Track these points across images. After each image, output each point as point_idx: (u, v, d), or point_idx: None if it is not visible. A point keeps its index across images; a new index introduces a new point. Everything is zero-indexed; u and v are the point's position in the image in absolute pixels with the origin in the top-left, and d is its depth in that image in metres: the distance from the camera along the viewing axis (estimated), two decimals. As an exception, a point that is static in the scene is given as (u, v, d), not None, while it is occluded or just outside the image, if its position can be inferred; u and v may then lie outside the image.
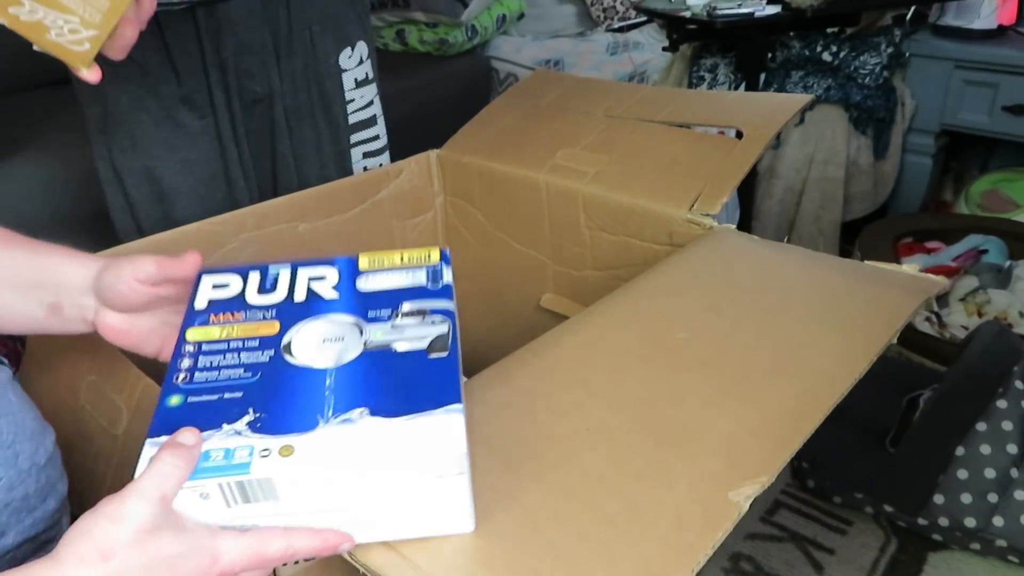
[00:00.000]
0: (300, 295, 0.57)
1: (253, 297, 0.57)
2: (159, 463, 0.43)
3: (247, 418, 0.47)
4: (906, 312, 0.67)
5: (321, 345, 0.53)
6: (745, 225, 1.75)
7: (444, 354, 0.51)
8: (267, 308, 0.56)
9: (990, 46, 1.76)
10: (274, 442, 0.46)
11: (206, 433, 0.46)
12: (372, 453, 0.45)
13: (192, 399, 0.49)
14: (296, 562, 0.54)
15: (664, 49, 2.04)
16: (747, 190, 1.77)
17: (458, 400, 0.47)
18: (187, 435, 0.45)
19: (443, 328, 0.53)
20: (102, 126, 1.00)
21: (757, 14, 1.66)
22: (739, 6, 1.68)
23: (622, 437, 0.55)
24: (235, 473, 0.44)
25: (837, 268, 0.78)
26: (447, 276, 0.58)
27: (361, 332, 0.54)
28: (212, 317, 0.55)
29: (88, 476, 0.69)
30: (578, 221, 0.97)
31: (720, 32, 1.72)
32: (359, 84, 1.13)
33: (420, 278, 0.58)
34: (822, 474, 1.21)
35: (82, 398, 0.69)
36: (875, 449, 1.21)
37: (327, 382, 0.50)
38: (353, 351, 0.52)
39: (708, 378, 0.60)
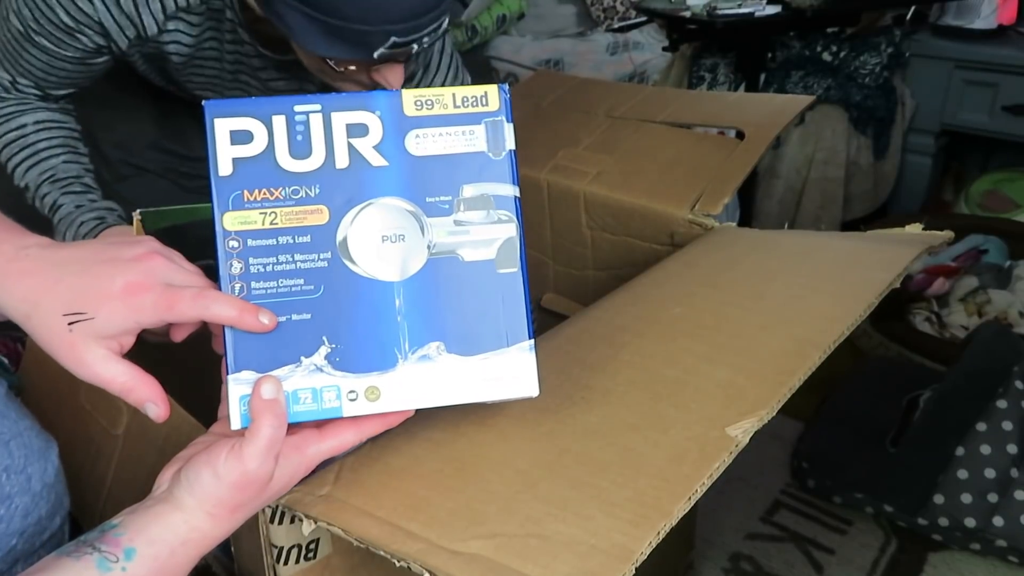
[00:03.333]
0: (342, 159, 0.49)
1: (287, 161, 0.49)
2: (260, 422, 0.45)
3: (324, 349, 0.48)
4: (907, 259, 0.66)
5: (381, 246, 0.49)
6: (745, 225, 1.75)
7: (513, 270, 0.50)
8: (308, 180, 0.49)
9: (990, 46, 1.76)
10: (358, 382, 0.48)
11: (286, 369, 0.47)
12: (451, 388, 0.49)
13: None
14: (296, 562, 0.54)
15: (664, 49, 2.04)
16: (747, 190, 1.77)
17: (529, 336, 0.50)
18: (268, 387, 0.46)
19: (510, 230, 0.50)
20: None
21: (757, 14, 1.66)
22: (739, 6, 1.68)
23: (617, 398, 0.55)
24: (327, 416, 0.48)
25: (837, 236, 0.78)
26: (508, 137, 0.51)
27: (422, 229, 0.50)
28: (247, 195, 0.48)
29: (89, 476, 0.69)
30: (579, 221, 0.97)
31: (720, 32, 1.72)
32: None
33: (479, 139, 0.51)
34: (822, 474, 1.21)
35: (82, 398, 0.69)
36: (875, 449, 1.21)
37: (397, 303, 0.49)
38: (418, 257, 0.49)
39: (704, 340, 0.60)
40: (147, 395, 0.47)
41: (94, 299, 0.45)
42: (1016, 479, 1.07)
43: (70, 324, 0.45)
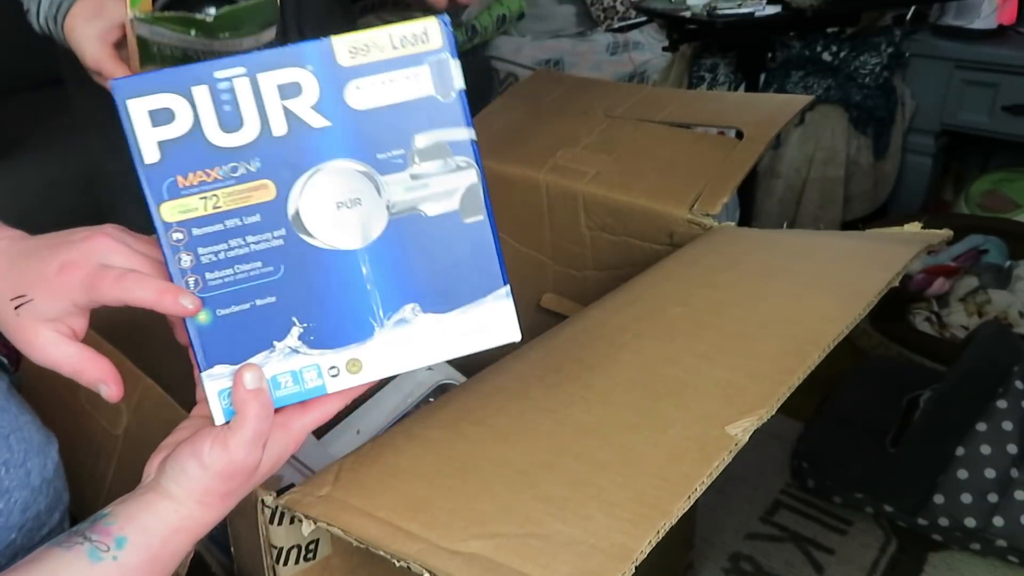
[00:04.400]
0: (279, 125, 0.45)
1: (217, 136, 0.45)
2: (245, 414, 0.45)
3: (296, 330, 0.46)
4: (906, 257, 0.66)
5: (337, 213, 0.46)
6: (745, 224, 1.75)
7: (480, 218, 0.48)
8: (245, 155, 0.45)
9: (990, 46, 1.76)
10: (337, 357, 0.47)
11: (260, 357, 0.46)
12: (433, 347, 0.48)
13: (221, 312, 0.45)
14: (296, 562, 0.54)
15: (664, 49, 2.04)
16: (747, 190, 1.77)
17: (504, 282, 0.48)
18: (251, 376, 0.45)
19: (471, 176, 0.47)
20: (86, 126, 1.01)
21: (757, 14, 1.66)
22: (739, 6, 1.68)
23: (616, 398, 0.55)
24: (311, 396, 0.47)
25: (836, 235, 0.78)
26: (456, 75, 0.47)
27: (378, 189, 0.47)
28: (181, 180, 0.44)
29: (89, 476, 0.69)
30: (578, 221, 0.97)
31: (720, 32, 1.72)
32: None
33: (424, 81, 0.46)
34: (822, 474, 1.21)
35: (82, 398, 0.69)
36: (875, 449, 1.21)
37: (363, 270, 0.47)
38: (378, 220, 0.47)
39: (703, 339, 0.60)
40: (98, 375, 0.46)
41: (33, 282, 0.45)
42: (1016, 479, 1.07)
43: (16, 308, 0.46)
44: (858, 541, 1.15)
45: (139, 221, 1.07)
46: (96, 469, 0.69)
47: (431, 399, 0.92)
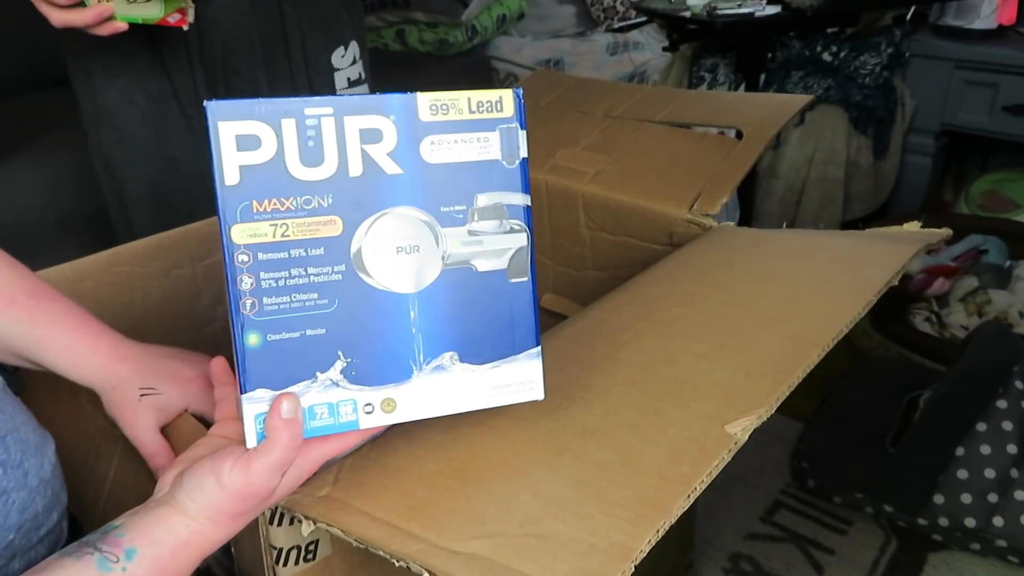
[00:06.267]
0: (355, 167, 0.47)
1: (297, 168, 0.47)
2: (275, 441, 0.45)
3: (339, 364, 0.47)
4: (905, 256, 0.66)
5: (396, 257, 0.48)
6: (745, 225, 1.75)
7: (524, 279, 0.51)
8: (320, 190, 0.47)
9: (990, 46, 1.76)
10: (374, 395, 0.48)
11: (301, 386, 0.47)
12: (464, 396, 0.50)
13: (272, 337, 0.46)
14: (296, 563, 0.54)
15: (664, 49, 2.04)
16: (747, 190, 1.77)
17: (536, 342, 0.51)
18: (288, 406, 0.46)
19: (521, 240, 0.50)
20: (93, 120, 1.01)
21: (757, 14, 1.66)
22: (739, 6, 1.68)
23: (616, 397, 0.55)
24: (344, 430, 0.48)
25: (836, 234, 0.78)
26: (522, 144, 0.50)
27: (436, 240, 0.49)
28: (255, 205, 0.46)
29: (89, 477, 0.69)
30: (578, 221, 0.97)
31: (720, 32, 1.72)
32: (352, 83, 1.13)
33: (493, 146, 0.50)
34: (822, 474, 1.21)
35: (83, 399, 0.69)
36: (875, 449, 1.21)
37: (412, 315, 0.49)
38: (432, 268, 0.49)
39: (703, 339, 0.60)
40: (164, 463, 0.56)
41: (165, 381, 0.60)
42: (1016, 479, 1.07)
43: (141, 396, 0.59)
44: (858, 541, 1.15)
45: (153, 219, 1.07)
46: (96, 470, 0.69)
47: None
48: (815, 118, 1.81)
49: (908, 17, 1.86)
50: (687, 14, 1.71)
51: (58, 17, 0.81)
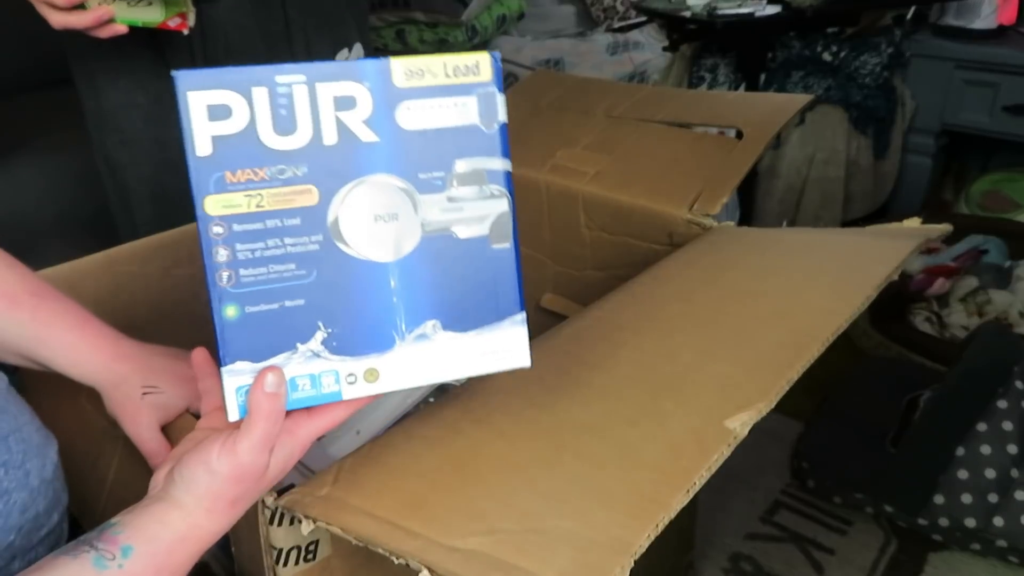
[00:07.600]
0: (330, 135, 0.46)
1: (270, 137, 0.46)
2: (257, 416, 0.45)
3: (320, 335, 0.47)
4: (904, 252, 0.66)
5: (373, 226, 0.47)
6: (745, 225, 1.75)
7: (506, 245, 0.50)
8: (294, 159, 0.46)
9: (990, 46, 1.76)
10: (356, 365, 0.48)
11: (282, 357, 0.47)
12: (448, 364, 0.49)
13: (250, 309, 0.46)
14: (296, 563, 0.54)
15: (664, 49, 2.04)
16: (747, 190, 1.77)
17: (520, 308, 0.50)
18: (272, 379, 0.46)
19: (502, 205, 0.50)
20: (96, 121, 1.01)
21: (757, 14, 1.66)
22: (739, 6, 1.68)
23: (615, 393, 0.55)
24: (326, 401, 0.48)
25: (835, 232, 0.78)
26: (500, 109, 0.49)
27: (415, 207, 0.48)
28: (229, 176, 0.45)
29: (90, 476, 0.69)
30: (578, 221, 0.97)
31: (720, 32, 1.72)
32: None
33: (471, 111, 0.49)
34: (822, 474, 1.21)
35: (84, 399, 0.69)
36: (875, 449, 1.21)
37: (391, 283, 0.48)
38: (411, 237, 0.48)
39: (702, 336, 0.60)
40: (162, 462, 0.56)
41: (167, 379, 0.60)
42: (1016, 479, 1.07)
43: (144, 395, 0.59)
44: (858, 541, 1.15)
45: (155, 220, 1.07)
46: (96, 470, 0.69)
47: (431, 399, 0.92)
48: (815, 118, 1.81)
49: (908, 17, 1.86)
50: (687, 14, 1.71)
51: (58, 19, 0.81)
